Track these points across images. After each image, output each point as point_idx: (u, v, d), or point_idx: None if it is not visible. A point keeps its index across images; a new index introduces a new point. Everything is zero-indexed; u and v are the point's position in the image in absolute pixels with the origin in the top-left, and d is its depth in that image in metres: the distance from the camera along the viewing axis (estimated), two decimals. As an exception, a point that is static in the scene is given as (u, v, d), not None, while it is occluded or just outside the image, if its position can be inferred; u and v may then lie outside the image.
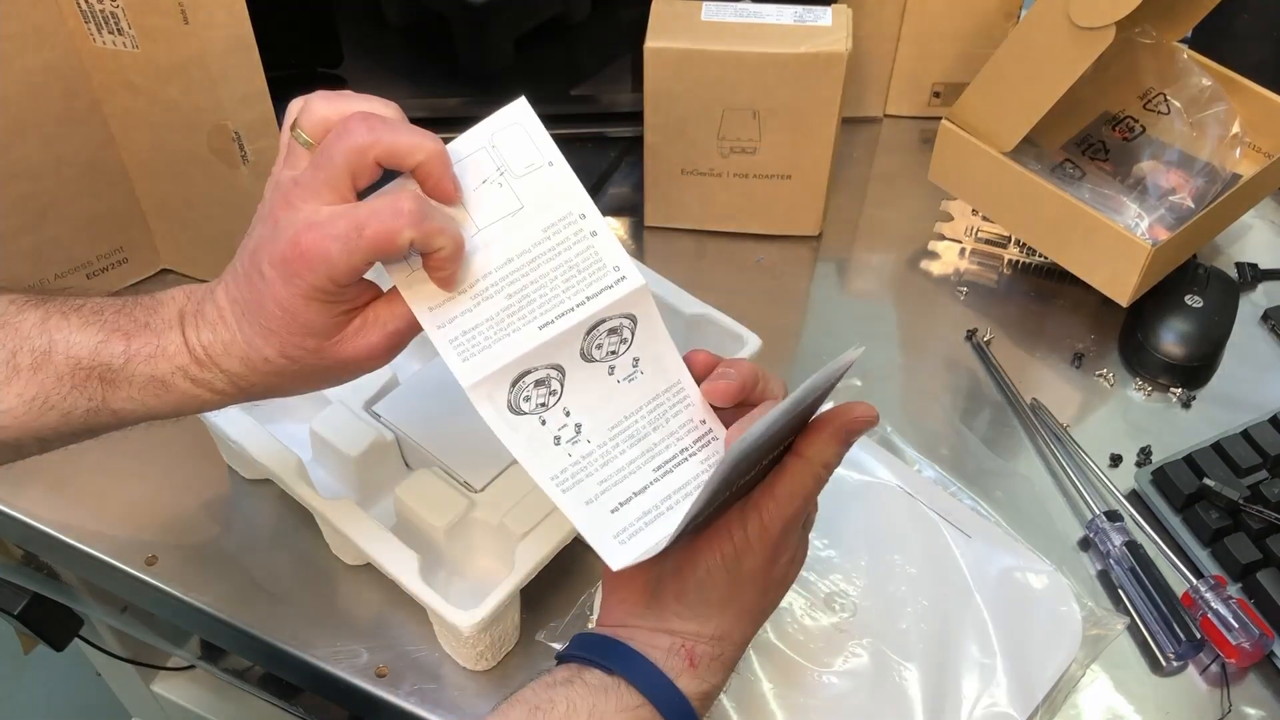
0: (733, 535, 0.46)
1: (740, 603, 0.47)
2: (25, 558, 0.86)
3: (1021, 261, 0.81)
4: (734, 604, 0.47)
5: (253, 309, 0.45)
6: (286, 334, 0.45)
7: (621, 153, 0.89)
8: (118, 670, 1.06)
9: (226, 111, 0.67)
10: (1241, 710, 0.58)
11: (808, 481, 0.46)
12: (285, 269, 0.43)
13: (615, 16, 0.95)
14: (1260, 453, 0.66)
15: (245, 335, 0.45)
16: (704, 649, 0.46)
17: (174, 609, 0.63)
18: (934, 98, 0.92)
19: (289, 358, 0.45)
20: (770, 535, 0.46)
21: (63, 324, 0.47)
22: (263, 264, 0.44)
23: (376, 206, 0.43)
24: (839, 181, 0.87)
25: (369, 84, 0.89)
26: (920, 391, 0.73)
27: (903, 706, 0.54)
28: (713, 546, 0.46)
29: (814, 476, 0.46)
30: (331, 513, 0.58)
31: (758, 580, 0.47)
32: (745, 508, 0.46)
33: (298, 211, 0.43)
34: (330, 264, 0.43)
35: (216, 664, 0.98)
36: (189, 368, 0.46)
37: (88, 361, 0.46)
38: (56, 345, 0.46)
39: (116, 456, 0.68)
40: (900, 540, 0.61)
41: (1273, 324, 0.78)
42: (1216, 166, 0.75)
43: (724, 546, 0.46)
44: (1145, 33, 0.76)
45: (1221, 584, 0.60)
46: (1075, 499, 0.67)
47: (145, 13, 0.62)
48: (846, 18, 0.74)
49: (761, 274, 0.81)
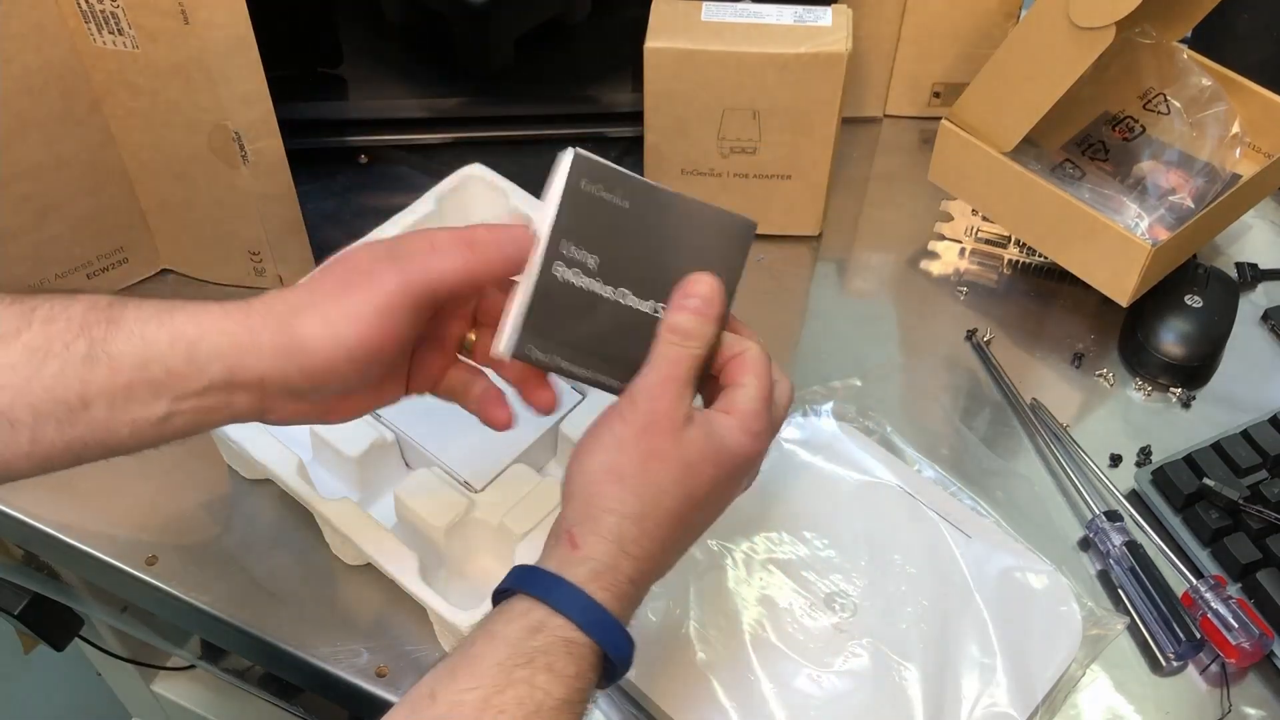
0: (617, 407, 0.47)
1: (631, 476, 0.45)
2: (25, 558, 0.86)
3: (1021, 261, 0.81)
4: (623, 477, 0.45)
5: (347, 288, 0.46)
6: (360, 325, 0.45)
7: (621, 153, 0.89)
8: (118, 670, 1.06)
9: (227, 111, 0.67)
10: (1241, 710, 0.58)
11: (660, 347, 0.47)
12: (401, 261, 0.46)
13: (615, 16, 0.95)
14: (1260, 453, 0.66)
15: (321, 304, 0.46)
16: (584, 528, 0.45)
17: (174, 609, 0.63)
18: (934, 98, 0.92)
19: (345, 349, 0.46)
20: (647, 406, 0.46)
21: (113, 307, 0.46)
22: (377, 262, 0.46)
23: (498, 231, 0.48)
24: (839, 181, 0.87)
25: (369, 84, 0.89)
26: (920, 391, 0.73)
27: (903, 706, 0.54)
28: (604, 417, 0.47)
29: (664, 340, 0.47)
30: (331, 513, 0.58)
31: (643, 451, 0.46)
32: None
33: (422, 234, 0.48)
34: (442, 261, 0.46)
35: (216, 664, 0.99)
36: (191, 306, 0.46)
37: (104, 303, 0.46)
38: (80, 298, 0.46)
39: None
40: (900, 540, 0.61)
41: (1273, 324, 0.78)
42: (1216, 166, 0.75)
43: (607, 416, 0.47)
44: (1145, 33, 0.76)
45: (1221, 584, 0.60)
46: (1075, 499, 0.67)
47: (145, 13, 0.62)
48: (846, 18, 0.74)
49: (761, 274, 0.81)
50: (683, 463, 0.46)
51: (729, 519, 0.61)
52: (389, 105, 0.88)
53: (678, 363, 0.46)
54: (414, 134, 0.88)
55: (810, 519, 0.61)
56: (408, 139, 0.88)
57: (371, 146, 0.89)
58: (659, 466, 0.45)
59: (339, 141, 0.88)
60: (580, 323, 0.48)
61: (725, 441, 0.47)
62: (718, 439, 0.46)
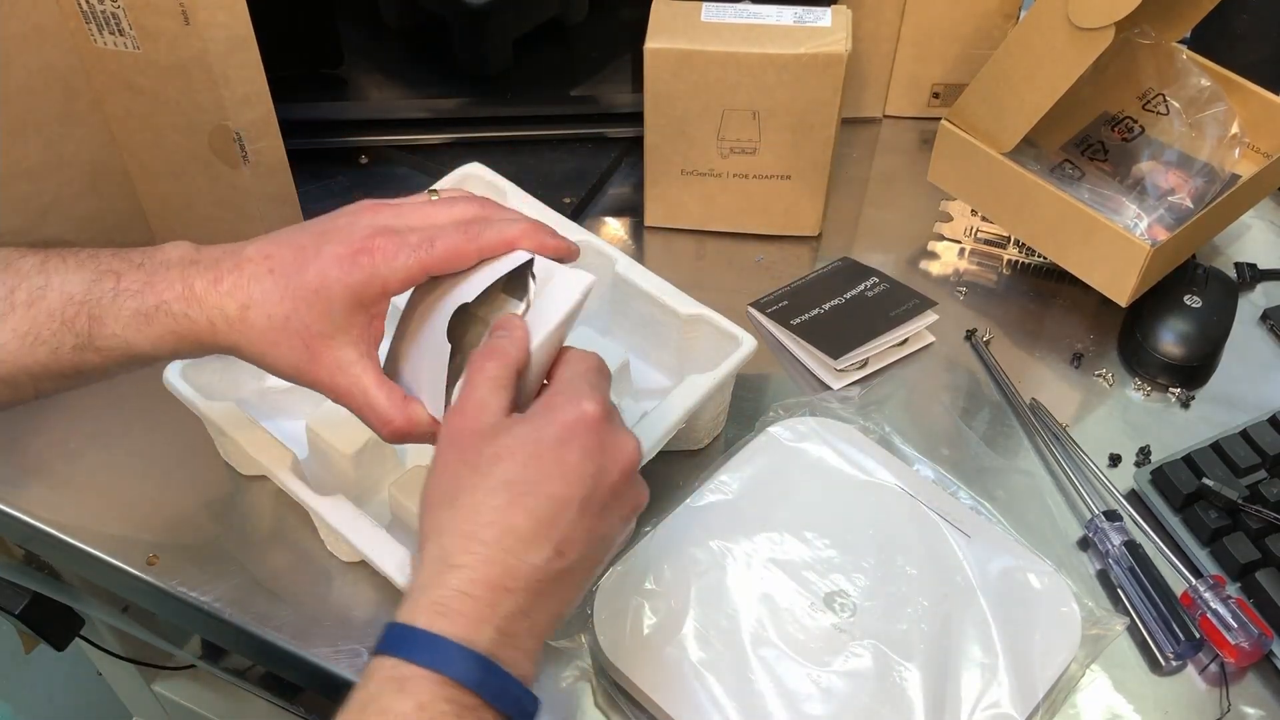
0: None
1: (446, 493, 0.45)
2: (26, 557, 0.86)
3: (1021, 261, 0.82)
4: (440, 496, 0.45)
5: (288, 270, 0.48)
6: (305, 305, 0.48)
7: (621, 153, 0.89)
8: (118, 670, 1.06)
9: (227, 112, 0.67)
10: (1240, 710, 0.58)
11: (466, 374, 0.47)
12: (351, 259, 0.48)
13: (614, 17, 0.95)
14: (1259, 453, 0.67)
15: (263, 288, 0.48)
16: (414, 563, 0.45)
17: (174, 609, 0.63)
18: (934, 98, 0.92)
19: (288, 326, 0.48)
20: (452, 423, 0.46)
21: (60, 265, 0.50)
22: (325, 245, 0.48)
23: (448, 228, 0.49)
24: (839, 181, 0.87)
25: (369, 85, 0.89)
26: (920, 391, 0.73)
27: (903, 707, 0.54)
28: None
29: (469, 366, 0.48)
30: (324, 509, 0.58)
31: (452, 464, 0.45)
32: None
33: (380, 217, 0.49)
34: (391, 268, 0.48)
35: (217, 663, 0.99)
36: (174, 303, 0.49)
37: (79, 297, 0.49)
38: (52, 283, 0.49)
39: (116, 456, 0.68)
40: (900, 540, 0.61)
41: (1272, 324, 0.78)
42: (1215, 167, 0.75)
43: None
44: (1144, 33, 0.76)
45: (1220, 584, 0.61)
46: (1074, 499, 0.67)
47: (146, 13, 0.62)
48: (846, 18, 0.74)
49: (761, 274, 0.81)
50: (491, 456, 0.44)
51: (729, 519, 0.61)
52: (389, 105, 0.88)
53: (474, 380, 0.46)
54: (414, 134, 0.88)
55: (811, 519, 0.61)
56: (407, 139, 0.88)
57: (371, 147, 0.89)
58: (467, 473, 0.45)
59: (339, 141, 0.88)
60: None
61: (534, 422, 0.45)
62: (525, 423, 0.45)
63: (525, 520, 0.43)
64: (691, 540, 0.60)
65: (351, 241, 0.48)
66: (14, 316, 0.49)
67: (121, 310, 0.49)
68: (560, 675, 0.57)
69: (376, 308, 0.49)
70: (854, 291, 0.77)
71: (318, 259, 0.48)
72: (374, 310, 0.49)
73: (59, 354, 0.49)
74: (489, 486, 0.44)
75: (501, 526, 0.43)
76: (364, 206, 0.51)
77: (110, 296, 0.49)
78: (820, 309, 0.76)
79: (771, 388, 0.73)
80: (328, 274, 0.48)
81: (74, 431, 0.69)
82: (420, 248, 0.48)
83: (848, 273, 0.79)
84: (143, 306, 0.49)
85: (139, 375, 0.65)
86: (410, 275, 0.48)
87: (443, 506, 0.44)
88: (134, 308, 0.49)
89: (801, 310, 0.76)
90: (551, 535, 0.44)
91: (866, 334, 0.74)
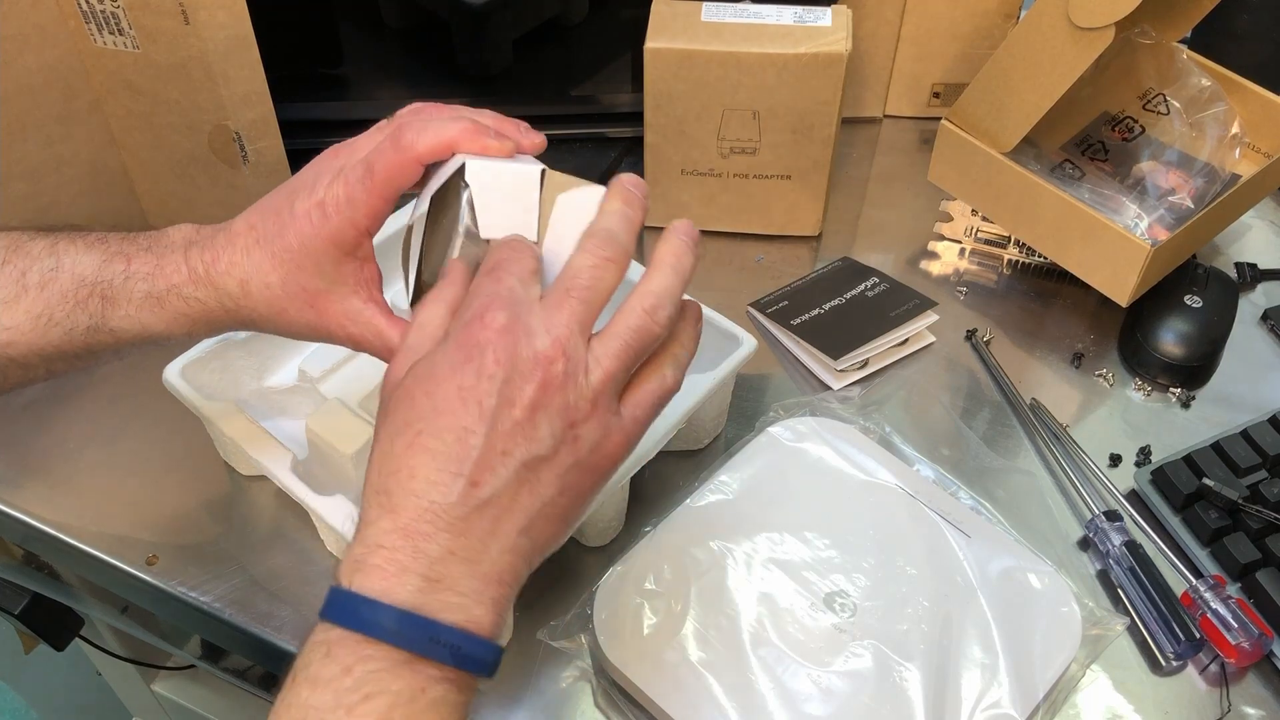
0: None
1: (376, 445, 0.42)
2: (25, 558, 0.86)
3: (1021, 261, 0.81)
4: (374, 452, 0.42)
5: (271, 237, 0.49)
6: (295, 267, 0.48)
7: (621, 153, 0.89)
8: (118, 670, 1.06)
9: (227, 111, 0.67)
10: (1241, 710, 0.58)
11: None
12: (320, 211, 0.48)
13: (614, 17, 0.95)
14: (1260, 453, 0.67)
15: (254, 260, 0.49)
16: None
17: (174, 609, 0.63)
18: (934, 98, 0.92)
19: (287, 291, 0.49)
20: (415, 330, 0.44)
21: (70, 247, 0.50)
22: (295, 202, 0.48)
23: (383, 146, 0.48)
24: (839, 181, 0.87)
25: (368, 85, 0.89)
26: (920, 391, 0.73)
27: (903, 707, 0.54)
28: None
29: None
30: (324, 509, 0.58)
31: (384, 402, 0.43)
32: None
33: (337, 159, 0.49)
34: (353, 208, 0.47)
35: (217, 664, 0.99)
36: (183, 286, 0.50)
37: (91, 279, 0.50)
38: (63, 265, 0.50)
39: (116, 456, 0.68)
40: (901, 540, 0.61)
41: (1272, 324, 0.78)
42: (1216, 167, 0.75)
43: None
44: (1145, 33, 0.76)
45: (1221, 584, 0.61)
46: (1075, 499, 0.67)
47: (146, 13, 0.62)
48: (846, 18, 0.74)
49: (762, 274, 0.81)
50: (395, 398, 0.42)
51: (729, 519, 0.61)
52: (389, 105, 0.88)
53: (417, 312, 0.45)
54: (414, 134, 0.88)
55: (811, 519, 0.61)
56: (408, 139, 0.88)
57: (371, 146, 0.89)
58: (381, 420, 0.43)
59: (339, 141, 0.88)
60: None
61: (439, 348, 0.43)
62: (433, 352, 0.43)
63: (428, 460, 0.40)
64: (691, 540, 0.60)
65: (314, 193, 0.48)
66: (27, 298, 0.49)
67: (134, 293, 0.50)
68: (560, 675, 0.57)
69: (361, 250, 0.49)
70: (854, 291, 0.77)
71: (293, 220, 0.48)
72: (360, 254, 0.49)
73: (72, 335, 0.50)
74: (391, 432, 0.41)
75: (404, 471, 0.40)
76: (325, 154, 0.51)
77: (122, 279, 0.50)
78: (820, 309, 0.76)
79: (771, 388, 0.73)
80: (303, 232, 0.48)
81: (74, 431, 0.69)
82: (365, 179, 0.47)
83: (848, 273, 0.79)
84: (154, 290, 0.50)
85: (138, 375, 0.65)
86: (372, 210, 0.48)
87: (370, 464, 0.42)
88: (146, 290, 0.50)
89: (801, 310, 0.76)
90: (459, 469, 0.40)
91: (866, 334, 0.74)
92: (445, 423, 0.41)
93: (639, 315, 0.44)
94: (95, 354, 0.51)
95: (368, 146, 0.50)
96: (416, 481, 0.40)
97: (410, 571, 0.39)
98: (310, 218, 0.48)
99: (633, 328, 0.43)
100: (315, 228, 0.48)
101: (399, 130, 0.48)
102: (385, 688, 0.38)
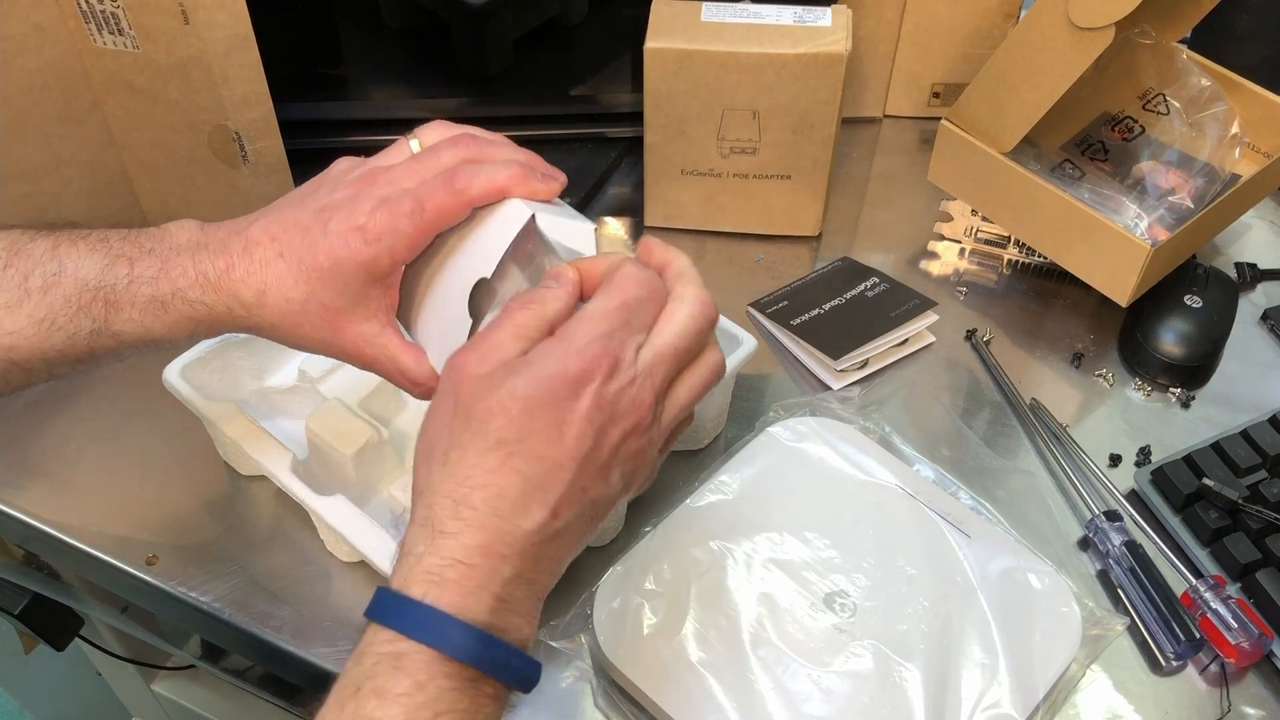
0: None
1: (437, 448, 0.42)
2: (25, 558, 0.86)
3: (1021, 261, 0.81)
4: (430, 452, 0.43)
5: (298, 253, 0.49)
6: (320, 285, 0.48)
7: (621, 153, 0.89)
8: (118, 670, 1.06)
9: (227, 112, 0.67)
10: (1241, 710, 0.58)
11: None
12: (359, 236, 0.48)
13: (614, 17, 0.95)
14: (1259, 453, 0.67)
15: (275, 272, 0.49)
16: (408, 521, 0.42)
17: (174, 609, 0.63)
18: (934, 98, 0.92)
19: (307, 307, 0.49)
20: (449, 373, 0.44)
21: (72, 250, 0.50)
22: (330, 222, 0.48)
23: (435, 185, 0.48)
24: (839, 181, 0.87)
25: (368, 85, 0.89)
26: (920, 391, 0.73)
27: (903, 707, 0.54)
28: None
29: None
30: (324, 509, 0.58)
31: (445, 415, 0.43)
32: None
33: (375, 187, 0.49)
34: (395, 240, 0.48)
35: (216, 664, 0.99)
36: (189, 290, 0.49)
37: (94, 283, 0.49)
38: (66, 269, 0.49)
39: (116, 456, 0.68)
40: (900, 540, 0.61)
41: (1272, 324, 0.78)
42: (1216, 167, 0.75)
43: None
44: (1145, 33, 0.76)
45: (1221, 584, 0.60)
46: (1075, 499, 0.67)
47: (145, 13, 0.62)
48: (846, 18, 0.74)
49: (761, 274, 0.81)
50: (484, 412, 0.41)
51: (729, 519, 0.61)
52: (389, 105, 0.88)
53: (498, 322, 0.45)
54: (414, 134, 0.88)
55: (811, 519, 0.61)
56: (408, 139, 0.88)
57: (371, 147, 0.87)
58: (460, 426, 0.42)
59: (339, 141, 0.88)
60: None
61: (533, 371, 0.42)
62: (525, 372, 0.42)
63: (517, 484, 0.41)
64: (691, 540, 0.60)
65: (354, 217, 0.48)
66: (30, 303, 0.49)
67: (137, 297, 0.49)
68: (560, 675, 0.57)
69: (390, 279, 0.50)
70: (854, 291, 0.77)
71: (325, 239, 0.48)
72: (388, 281, 0.50)
73: (75, 339, 0.50)
74: (481, 446, 0.41)
75: (492, 490, 0.41)
76: (350, 170, 0.51)
77: (125, 283, 0.49)
78: (820, 309, 0.76)
79: (771, 388, 0.73)
80: (337, 254, 0.48)
81: (74, 431, 0.69)
82: (415, 214, 0.48)
83: (848, 273, 0.79)
84: (158, 294, 0.49)
85: (138, 375, 0.65)
86: (413, 243, 0.49)
87: (434, 461, 0.42)
88: (150, 294, 0.49)
89: (801, 310, 0.76)
90: (545, 500, 0.41)
91: (866, 334, 0.74)
92: (540, 451, 0.42)
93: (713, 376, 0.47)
94: (97, 357, 0.51)
95: (405, 176, 0.50)
96: (504, 503, 0.41)
97: (486, 590, 0.40)
98: (347, 240, 0.48)
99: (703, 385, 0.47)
100: (351, 251, 0.48)
101: (453, 175, 0.49)
102: (454, 706, 0.39)
